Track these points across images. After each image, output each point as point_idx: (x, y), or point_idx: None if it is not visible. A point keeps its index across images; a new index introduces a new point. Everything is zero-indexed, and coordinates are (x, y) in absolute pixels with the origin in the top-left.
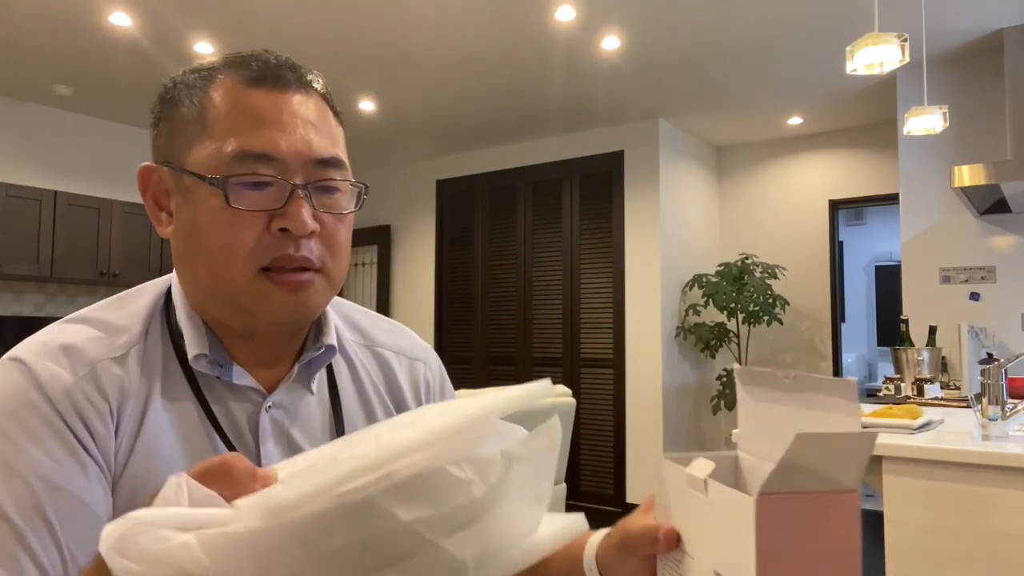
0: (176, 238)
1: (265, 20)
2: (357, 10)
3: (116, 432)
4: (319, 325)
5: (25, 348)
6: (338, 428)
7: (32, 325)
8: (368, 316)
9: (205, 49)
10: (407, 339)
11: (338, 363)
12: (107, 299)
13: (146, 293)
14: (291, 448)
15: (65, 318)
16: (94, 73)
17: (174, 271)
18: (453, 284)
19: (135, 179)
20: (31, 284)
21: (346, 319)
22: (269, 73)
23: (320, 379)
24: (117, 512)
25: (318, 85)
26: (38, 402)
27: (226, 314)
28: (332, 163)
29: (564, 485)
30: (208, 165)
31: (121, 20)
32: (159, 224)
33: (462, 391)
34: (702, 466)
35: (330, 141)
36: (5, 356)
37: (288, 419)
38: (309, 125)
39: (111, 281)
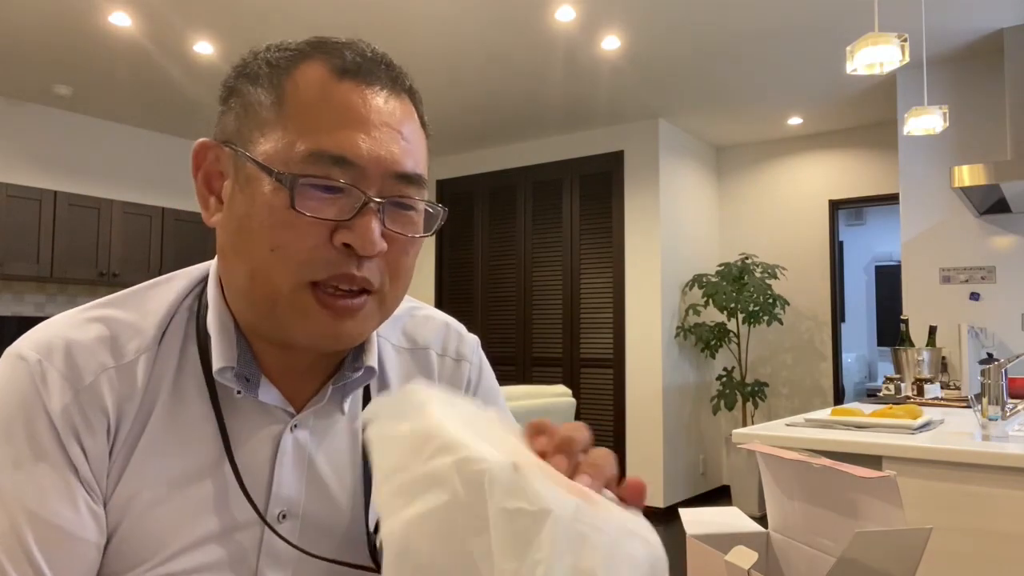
0: (223, 229)
1: (265, 21)
2: (357, 10)
3: (112, 448)
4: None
5: (30, 344)
6: (365, 456)
7: (32, 325)
8: (419, 314)
9: (205, 49)
10: (456, 337)
11: (373, 380)
12: (132, 288)
13: (174, 285)
14: (311, 473)
15: (80, 307)
16: (94, 73)
17: (215, 260)
18: (453, 284)
19: (135, 179)
20: (31, 284)
21: (394, 319)
22: (362, 65)
23: (354, 398)
24: (107, 533)
25: (410, 89)
26: (37, 417)
27: (260, 323)
28: (414, 180)
29: None
30: (278, 158)
31: (121, 20)
32: (206, 209)
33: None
34: (744, 556)
35: (414, 154)
36: (9, 351)
37: (313, 442)
38: (396, 132)
39: (111, 281)
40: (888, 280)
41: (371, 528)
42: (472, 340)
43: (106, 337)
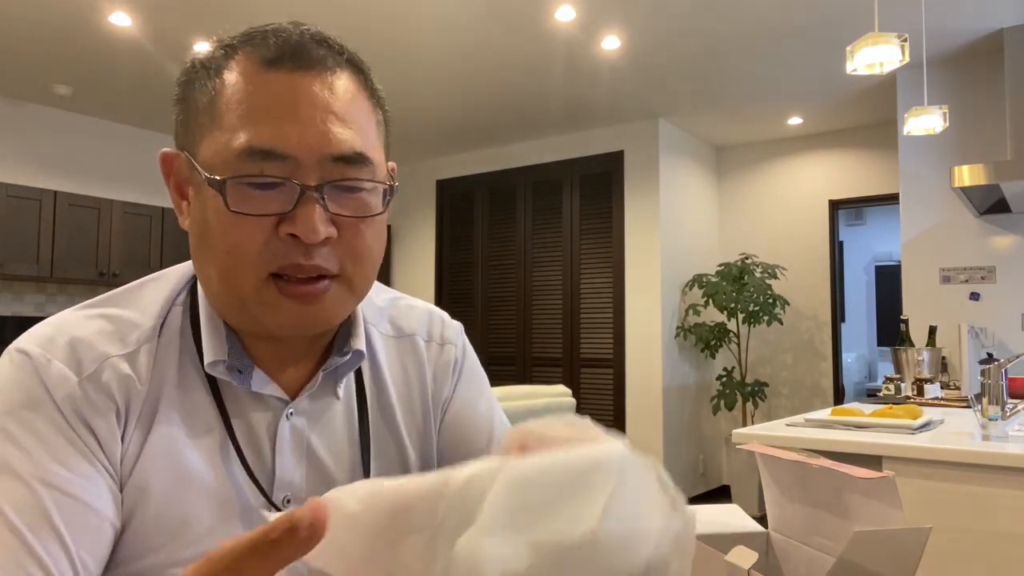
0: (190, 233)
1: (265, 20)
2: (357, 10)
3: (123, 434)
4: (347, 327)
5: (31, 340)
6: (363, 437)
7: (32, 325)
8: (402, 303)
9: (205, 49)
10: (439, 323)
11: (365, 365)
12: (125, 287)
13: (166, 282)
14: (309, 457)
15: (77, 306)
16: (94, 73)
17: None
18: (453, 284)
19: (135, 179)
20: (31, 284)
21: (379, 310)
22: (288, 51)
23: (348, 383)
24: (124, 517)
25: (350, 61)
26: (43, 403)
27: (238, 317)
28: (354, 159)
29: None
30: (216, 161)
31: (121, 20)
32: (180, 214)
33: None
34: (743, 556)
35: (355, 132)
36: (11, 347)
37: (309, 427)
38: (331, 114)
39: (111, 281)
40: (888, 280)
41: None
42: (455, 325)
43: (107, 330)
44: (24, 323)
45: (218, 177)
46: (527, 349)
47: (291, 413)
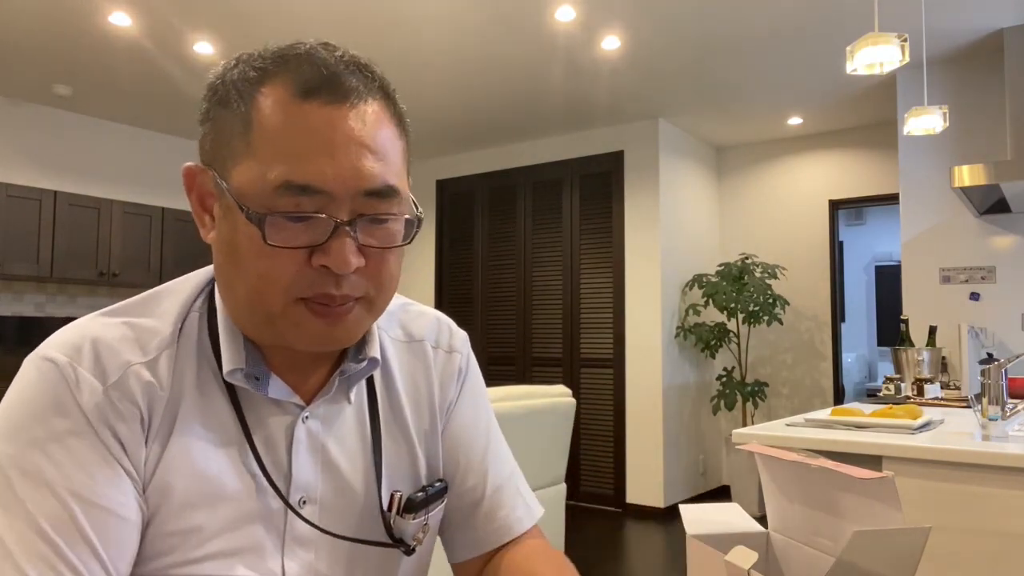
0: (216, 249)
1: (265, 20)
2: (357, 10)
3: (146, 440)
4: (362, 335)
5: (57, 347)
6: (375, 439)
7: (32, 325)
8: (412, 309)
9: (205, 49)
10: (447, 331)
11: (377, 369)
12: (142, 295)
13: (182, 289)
14: (325, 459)
15: (97, 312)
16: (94, 73)
17: None
18: (453, 284)
19: (135, 179)
20: (31, 284)
21: (390, 315)
22: (323, 81)
23: (359, 388)
24: (145, 520)
25: (380, 88)
26: (71, 411)
27: (261, 331)
28: (384, 193)
29: (564, 486)
30: (250, 190)
31: (121, 20)
32: (203, 227)
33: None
34: (743, 556)
35: (384, 165)
36: (36, 354)
37: (324, 430)
38: (364, 148)
39: (111, 281)
40: (888, 280)
41: (385, 507)
42: (461, 334)
43: (129, 337)
44: (24, 323)
45: (256, 211)
46: (527, 349)
47: (307, 417)
